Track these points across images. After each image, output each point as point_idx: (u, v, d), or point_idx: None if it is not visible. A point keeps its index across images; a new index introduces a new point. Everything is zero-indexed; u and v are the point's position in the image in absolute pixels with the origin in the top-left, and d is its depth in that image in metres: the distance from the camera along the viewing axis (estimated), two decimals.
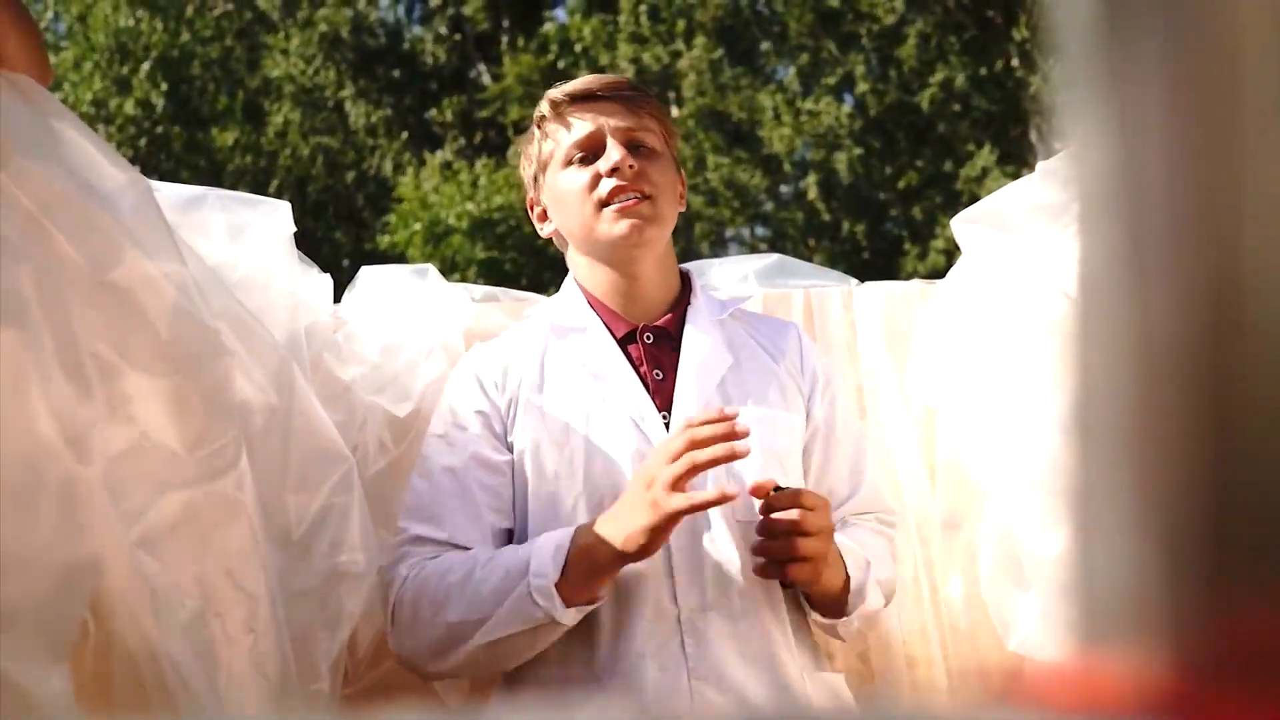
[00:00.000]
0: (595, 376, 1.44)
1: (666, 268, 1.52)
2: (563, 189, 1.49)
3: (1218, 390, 0.21)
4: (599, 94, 1.48)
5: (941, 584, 1.69)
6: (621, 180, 1.44)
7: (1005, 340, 1.52)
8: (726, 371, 1.46)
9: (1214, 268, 0.21)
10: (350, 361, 1.58)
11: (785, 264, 1.97)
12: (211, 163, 14.35)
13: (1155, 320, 0.21)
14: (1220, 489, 0.21)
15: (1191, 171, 0.21)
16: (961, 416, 1.61)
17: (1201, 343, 0.21)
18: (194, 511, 1.08)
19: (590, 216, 1.46)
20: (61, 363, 0.88)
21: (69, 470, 0.85)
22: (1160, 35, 0.24)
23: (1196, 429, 0.21)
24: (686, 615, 1.34)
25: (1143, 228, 0.21)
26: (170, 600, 1.03)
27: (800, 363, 1.53)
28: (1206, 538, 0.21)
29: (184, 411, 1.05)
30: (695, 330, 1.47)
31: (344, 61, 14.80)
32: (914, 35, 12.32)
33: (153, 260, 1.01)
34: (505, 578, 1.30)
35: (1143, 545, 0.21)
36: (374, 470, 1.57)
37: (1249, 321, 0.21)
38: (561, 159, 1.49)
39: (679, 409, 1.41)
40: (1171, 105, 0.22)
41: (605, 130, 1.46)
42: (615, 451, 1.39)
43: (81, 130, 1.05)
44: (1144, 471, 0.21)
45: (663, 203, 1.47)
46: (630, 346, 1.47)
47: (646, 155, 1.47)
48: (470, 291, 1.84)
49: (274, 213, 1.47)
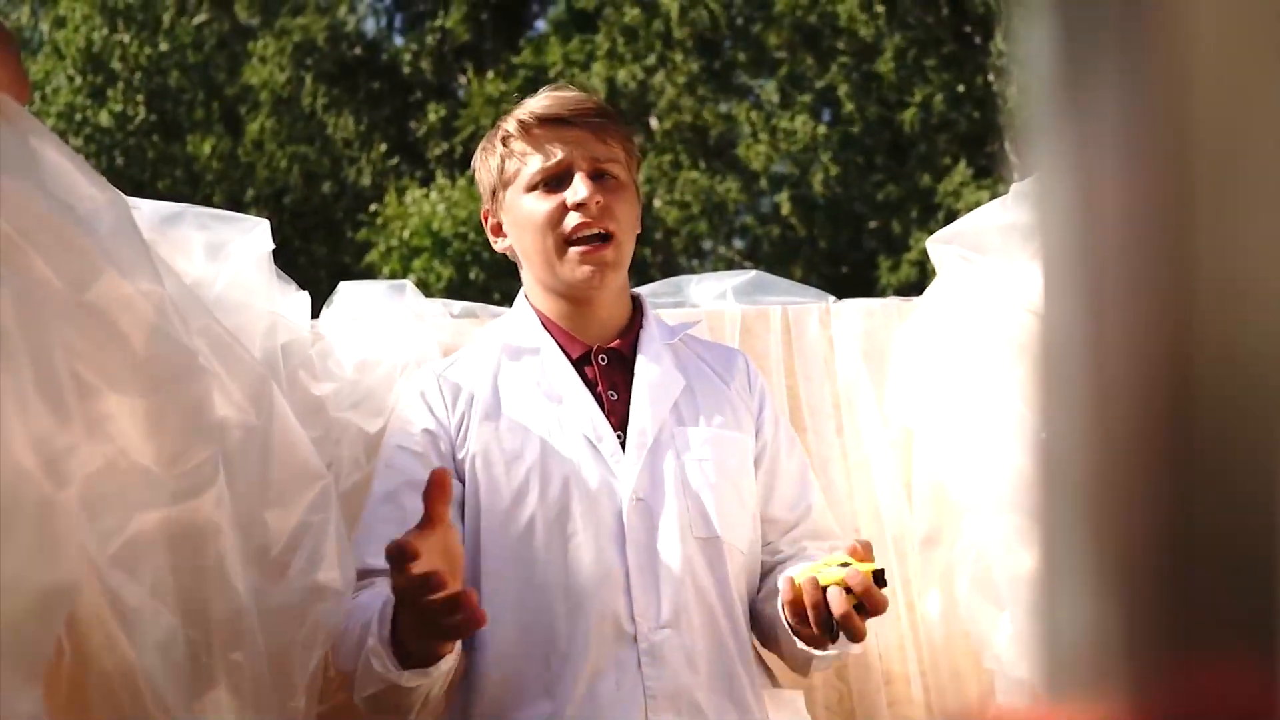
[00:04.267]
0: (550, 397, 1.44)
1: (620, 294, 1.53)
2: (525, 214, 1.47)
3: (1175, 448, 0.22)
4: (568, 119, 1.46)
5: (919, 600, 1.70)
6: (587, 217, 1.43)
7: (978, 361, 1.53)
8: (680, 393, 1.47)
9: (1169, 328, 0.22)
10: (325, 377, 1.58)
11: (763, 280, 1.98)
12: (188, 173, 14.27)
13: (1113, 380, 0.22)
14: (1178, 545, 0.21)
15: (1146, 234, 0.22)
16: (938, 436, 1.62)
17: (1157, 402, 0.22)
18: (171, 530, 1.07)
19: (552, 251, 1.45)
20: (38, 386, 0.88)
21: (45, 494, 0.85)
22: (1116, 94, 0.24)
23: (1154, 486, 0.22)
24: (644, 633, 1.34)
25: (1100, 291, 0.22)
26: (146, 619, 1.03)
27: (749, 384, 1.55)
28: (1164, 592, 0.21)
29: (161, 430, 1.05)
30: (648, 352, 1.48)
31: (321, 72, 14.76)
32: (891, 50, 12.41)
33: (130, 280, 1.01)
34: (362, 630, 1.27)
35: (1102, 600, 0.22)
36: (348, 486, 1.57)
37: (1204, 380, 0.21)
38: (525, 183, 1.47)
39: (634, 427, 1.42)
40: (1127, 168, 0.23)
41: (573, 160, 1.45)
42: (571, 470, 1.39)
43: (59, 149, 1.04)
44: (1103, 527, 0.22)
45: (624, 240, 1.47)
46: (585, 367, 1.47)
47: (612, 188, 1.46)
48: (448, 307, 1.84)
49: (253, 230, 1.47)
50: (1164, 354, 0.22)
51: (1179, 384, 0.22)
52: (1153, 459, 0.22)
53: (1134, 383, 0.22)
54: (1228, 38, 0.24)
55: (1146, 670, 0.21)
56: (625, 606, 1.35)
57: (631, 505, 1.38)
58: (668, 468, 1.41)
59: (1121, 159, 0.24)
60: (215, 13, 14.77)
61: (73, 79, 13.95)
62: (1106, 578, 0.22)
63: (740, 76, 13.53)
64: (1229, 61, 0.24)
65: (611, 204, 1.44)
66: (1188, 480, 0.21)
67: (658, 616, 1.34)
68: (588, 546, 1.37)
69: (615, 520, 1.38)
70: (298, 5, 14.84)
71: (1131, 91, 0.24)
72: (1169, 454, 0.22)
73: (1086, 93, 0.24)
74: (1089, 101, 0.24)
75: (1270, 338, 0.23)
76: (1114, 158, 0.23)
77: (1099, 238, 0.22)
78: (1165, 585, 0.21)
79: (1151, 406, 0.22)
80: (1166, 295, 0.22)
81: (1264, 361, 0.23)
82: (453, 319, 1.81)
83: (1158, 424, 0.22)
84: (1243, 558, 0.21)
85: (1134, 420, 0.22)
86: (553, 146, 1.45)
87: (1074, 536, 0.22)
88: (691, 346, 1.56)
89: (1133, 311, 0.22)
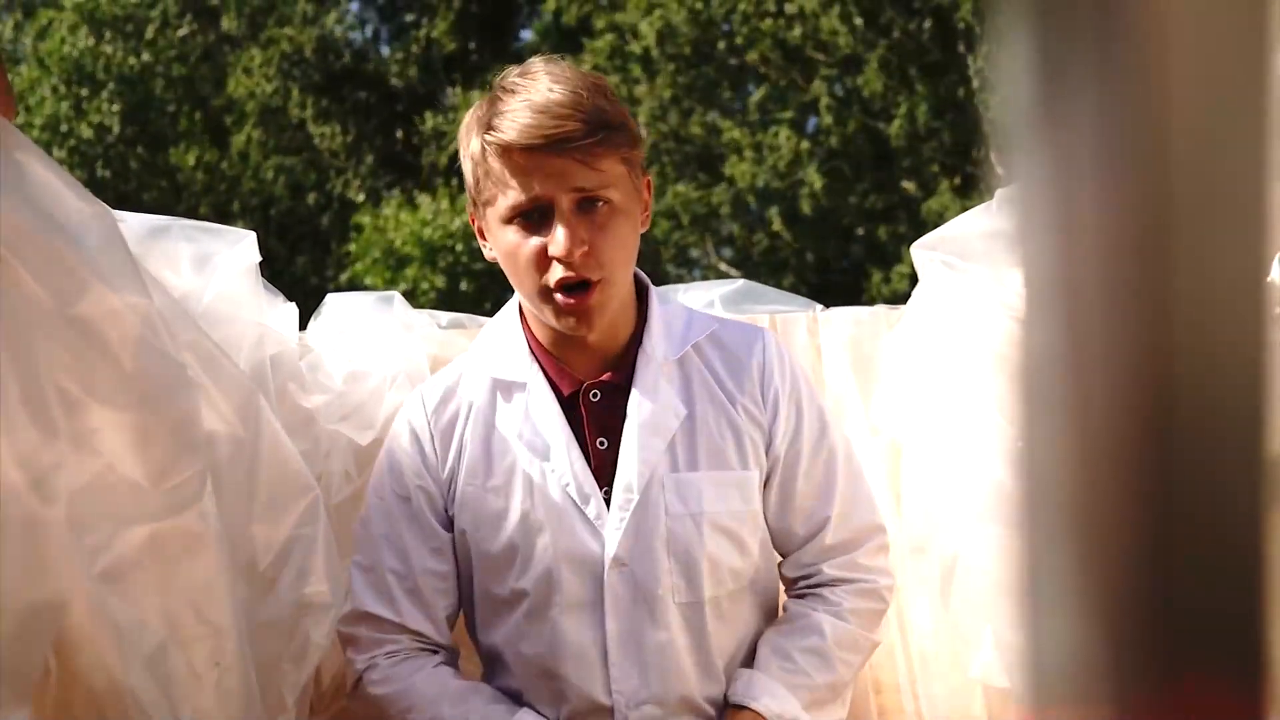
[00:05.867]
0: (535, 450, 1.36)
1: (614, 321, 1.38)
2: (504, 248, 1.34)
3: (1156, 470, 0.22)
4: (546, 148, 1.26)
5: (908, 609, 1.70)
6: (569, 271, 1.28)
7: (963, 370, 1.54)
8: (677, 430, 1.37)
9: (1149, 355, 0.22)
10: (314, 390, 1.57)
11: (751, 290, 1.99)
12: (173, 184, 14.23)
13: (1094, 405, 0.22)
14: (1159, 564, 0.22)
15: (1125, 264, 0.23)
16: (926, 446, 1.63)
17: (1138, 427, 0.22)
18: (159, 544, 1.07)
19: (535, 296, 1.33)
20: (25, 402, 0.88)
21: (32, 512, 0.85)
22: (1093, 111, 0.25)
23: (1135, 506, 0.22)
24: (621, 710, 1.33)
25: (1079, 312, 0.23)
26: (134, 634, 1.02)
27: (761, 391, 1.41)
28: (1147, 612, 0.22)
29: (149, 444, 1.04)
30: (644, 383, 1.37)
31: (307, 83, 14.74)
32: (875, 62, 12.46)
33: (117, 293, 1.01)
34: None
35: (1085, 619, 0.22)
36: (338, 499, 1.56)
37: (1184, 404, 0.22)
38: (503, 213, 1.31)
39: (620, 483, 1.35)
40: (1105, 185, 0.23)
41: (554, 195, 1.28)
42: (555, 533, 1.35)
43: (45, 163, 1.04)
44: (1085, 547, 0.23)
45: (614, 276, 1.32)
46: (576, 407, 1.38)
47: (602, 218, 1.30)
48: (436, 318, 1.84)
49: (239, 242, 1.47)
50: (1145, 377, 0.22)
51: (1160, 407, 0.22)
52: (1133, 479, 0.22)
53: (1114, 402, 0.22)
54: (1205, 51, 0.25)
55: (1130, 690, 0.21)
56: (602, 680, 1.33)
57: (613, 571, 1.34)
58: (653, 527, 1.35)
59: (1100, 175, 0.24)
60: (200, 24, 14.75)
61: (57, 90, 13.91)
62: (1089, 597, 0.22)
63: (724, 93, 13.56)
64: (1206, 75, 0.25)
65: (598, 243, 1.29)
66: (1168, 499, 0.22)
67: (639, 689, 1.33)
68: (570, 616, 1.34)
69: (596, 587, 1.34)
70: (283, 16, 14.83)
71: (1109, 109, 0.24)
72: (1149, 473, 0.22)
73: (1064, 109, 0.24)
74: (1067, 118, 0.24)
75: (1248, 350, 0.23)
76: (1092, 174, 0.24)
77: (1077, 258, 0.23)
78: (1147, 605, 0.22)
79: (1131, 427, 0.22)
80: (1145, 314, 0.22)
81: (1242, 375, 0.23)
82: (441, 330, 1.81)
83: (1137, 444, 0.22)
84: (1224, 576, 0.22)
85: (1114, 439, 0.22)
86: (531, 179, 1.28)
87: (1056, 557, 0.23)
88: (704, 354, 1.42)
89: (1112, 329, 0.22)
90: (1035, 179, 0.24)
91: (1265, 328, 0.23)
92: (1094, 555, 0.22)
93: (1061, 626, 0.22)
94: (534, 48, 14.60)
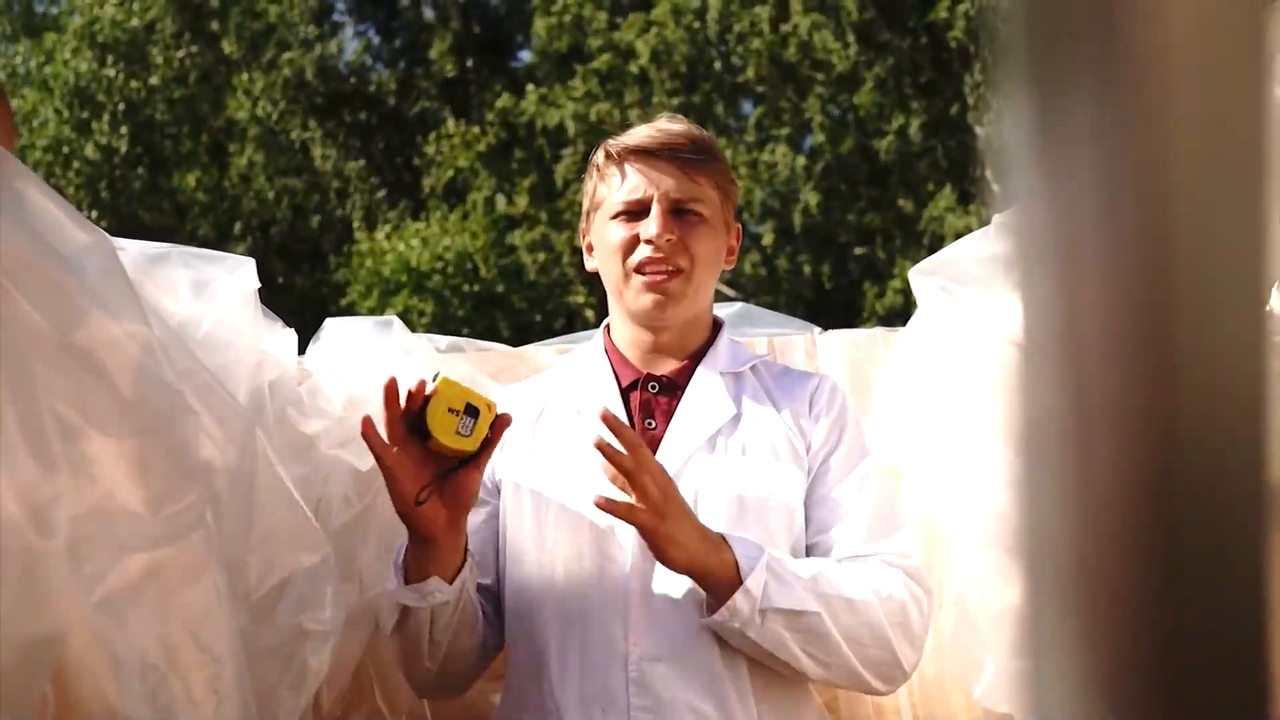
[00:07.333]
0: (582, 415, 1.48)
1: (691, 326, 1.53)
2: (604, 239, 1.51)
3: (1158, 534, 0.22)
4: (655, 152, 1.48)
5: None
6: (657, 253, 1.45)
7: (962, 395, 1.54)
8: (724, 423, 1.45)
9: (1154, 417, 0.22)
10: (314, 415, 1.57)
11: (749, 312, 1.99)
12: (174, 205, 14.26)
13: (1098, 467, 0.22)
14: (1163, 620, 0.22)
15: (1127, 315, 0.23)
16: (925, 470, 1.62)
17: (1142, 489, 0.22)
18: (157, 572, 1.07)
19: (621, 279, 1.49)
20: (24, 433, 0.88)
21: (30, 545, 0.84)
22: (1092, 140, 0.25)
23: (1138, 574, 0.22)
24: (635, 661, 1.35)
25: (1083, 377, 0.23)
26: (132, 663, 1.02)
27: (809, 411, 1.50)
28: (1150, 683, 0.22)
29: (147, 472, 1.04)
30: (700, 381, 1.49)
31: (309, 105, 14.80)
32: (871, 79, 12.51)
33: (116, 321, 1.01)
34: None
35: (1089, 691, 0.22)
36: (338, 524, 1.56)
37: (1188, 467, 0.22)
38: (610, 210, 1.50)
39: (660, 456, 1.41)
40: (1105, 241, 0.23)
41: (653, 194, 1.47)
42: (584, 501, 1.39)
43: (44, 191, 1.05)
44: (1088, 618, 0.22)
45: (698, 274, 1.47)
46: (633, 394, 1.50)
47: (691, 224, 1.47)
48: (435, 342, 1.84)
49: (238, 269, 1.47)
50: (1150, 438, 0.22)
51: (1164, 470, 0.22)
52: (1136, 546, 0.22)
53: (1119, 469, 0.22)
54: (1205, 74, 0.25)
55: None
56: (621, 628, 1.36)
57: (640, 540, 1.37)
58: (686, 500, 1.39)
59: (1100, 220, 0.24)
60: (201, 47, 14.81)
61: (60, 112, 13.97)
62: (1093, 652, 0.22)
63: (720, 112, 13.61)
64: (1206, 97, 0.25)
65: (687, 240, 1.46)
66: (1173, 568, 0.22)
67: (654, 646, 1.35)
68: (596, 573, 1.40)
69: (626, 551, 1.40)
70: (283, 40, 14.90)
71: (1109, 150, 0.24)
72: (1153, 541, 0.22)
73: (1063, 138, 0.24)
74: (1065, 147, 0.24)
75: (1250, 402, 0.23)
76: (1092, 220, 0.24)
77: (1078, 310, 0.23)
78: (1151, 676, 0.22)
79: (1136, 493, 0.22)
80: (1148, 366, 0.22)
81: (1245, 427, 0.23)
82: (440, 354, 1.81)
83: (1142, 509, 0.22)
84: (1228, 631, 0.22)
85: (1118, 505, 0.22)
86: (637, 178, 1.48)
87: (1059, 629, 0.22)
88: (764, 374, 1.54)
89: (1114, 380, 0.22)
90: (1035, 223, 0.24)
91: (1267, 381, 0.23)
92: (1098, 627, 0.22)
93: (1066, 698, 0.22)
94: (532, 69, 14.64)
